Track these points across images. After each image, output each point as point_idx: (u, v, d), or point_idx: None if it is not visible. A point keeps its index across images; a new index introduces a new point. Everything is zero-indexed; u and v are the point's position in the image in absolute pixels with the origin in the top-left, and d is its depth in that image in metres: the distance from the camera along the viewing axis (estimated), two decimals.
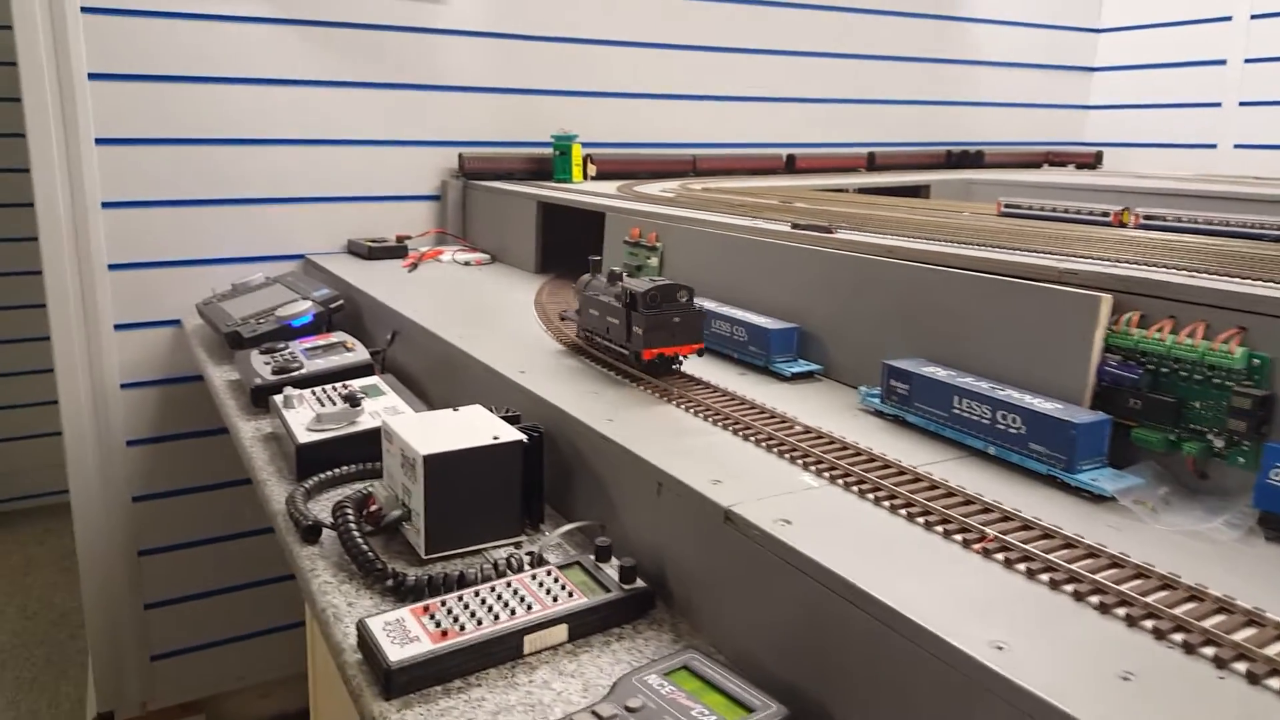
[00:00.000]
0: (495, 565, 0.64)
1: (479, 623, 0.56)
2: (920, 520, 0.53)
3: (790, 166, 2.16)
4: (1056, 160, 2.52)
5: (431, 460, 0.66)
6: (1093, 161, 2.48)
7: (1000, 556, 0.49)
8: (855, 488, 0.57)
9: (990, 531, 0.50)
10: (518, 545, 0.71)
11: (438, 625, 0.55)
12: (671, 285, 0.81)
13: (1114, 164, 2.61)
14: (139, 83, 1.55)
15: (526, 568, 0.64)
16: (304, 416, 0.89)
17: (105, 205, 1.56)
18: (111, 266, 1.57)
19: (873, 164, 2.27)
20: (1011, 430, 0.62)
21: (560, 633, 0.57)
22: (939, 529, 0.52)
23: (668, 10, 2.01)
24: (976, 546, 0.50)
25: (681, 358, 0.83)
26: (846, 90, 2.33)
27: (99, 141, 1.54)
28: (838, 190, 1.87)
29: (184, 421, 1.66)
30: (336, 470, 0.82)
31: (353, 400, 0.87)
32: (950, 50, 2.46)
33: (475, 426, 0.72)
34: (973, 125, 2.57)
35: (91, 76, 1.52)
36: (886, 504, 0.55)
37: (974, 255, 0.74)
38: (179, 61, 1.57)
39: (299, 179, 1.69)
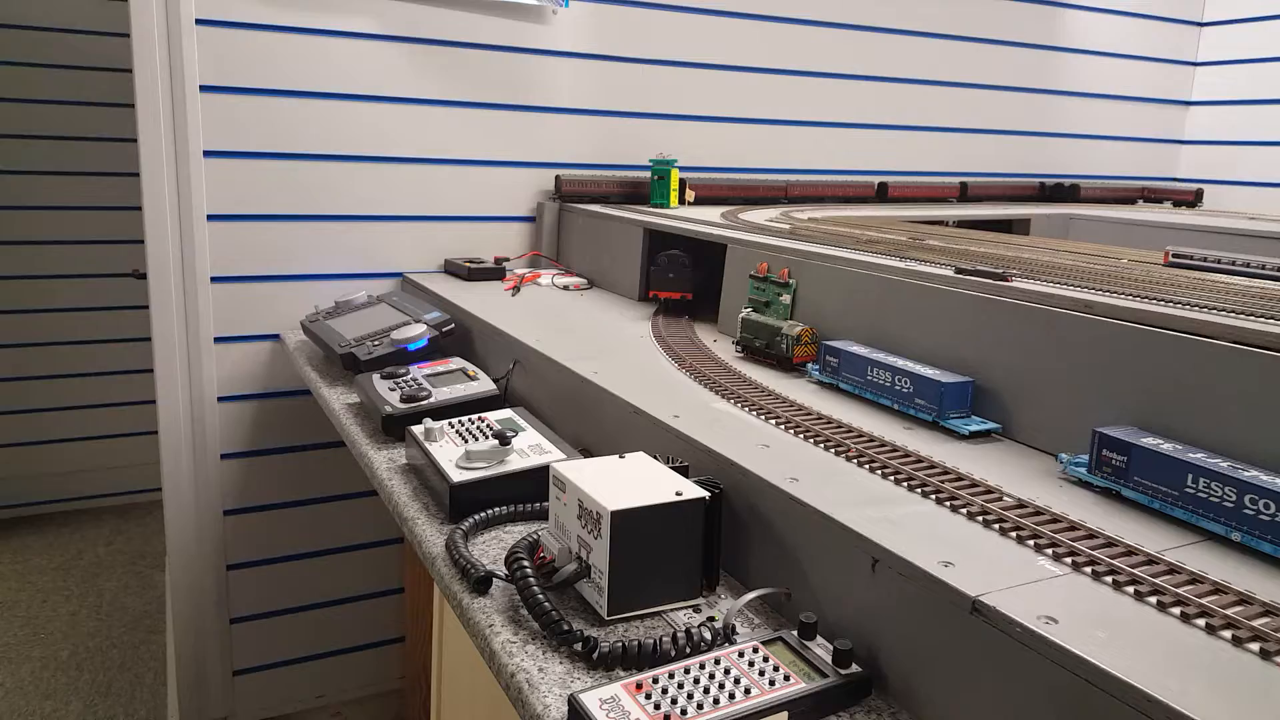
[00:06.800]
0: (690, 635, 0.60)
1: (699, 707, 0.52)
2: (1200, 623, 0.48)
3: (882, 195, 2.12)
4: (1152, 196, 2.45)
5: (619, 516, 0.63)
6: (1192, 199, 2.40)
7: None
8: (1108, 579, 0.53)
9: None
10: (696, 609, 0.68)
11: (657, 707, 0.52)
12: (679, 255, 1.31)
13: (1209, 202, 2.52)
14: (246, 96, 1.56)
15: (719, 638, 0.61)
16: (449, 452, 0.86)
17: (210, 218, 1.56)
18: (213, 279, 1.57)
19: (965, 194, 2.22)
20: (1263, 517, 0.57)
21: None
22: (1225, 634, 0.47)
23: (762, 35, 1.98)
24: None
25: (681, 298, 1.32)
26: (937, 118, 2.28)
27: (207, 154, 1.54)
28: (938, 222, 1.83)
29: (279, 436, 1.65)
30: (492, 512, 0.79)
31: (503, 438, 0.84)
32: (1043, 80, 2.40)
33: (653, 479, 0.68)
34: (1062, 157, 2.50)
35: (202, 88, 1.52)
36: (1152, 600, 0.51)
37: (1191, 318, 0.69)
38: (285, 76, 1.57)
39: (398, 197, 1.68)
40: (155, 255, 1.52)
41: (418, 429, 0.91)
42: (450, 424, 0.93)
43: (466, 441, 0.88)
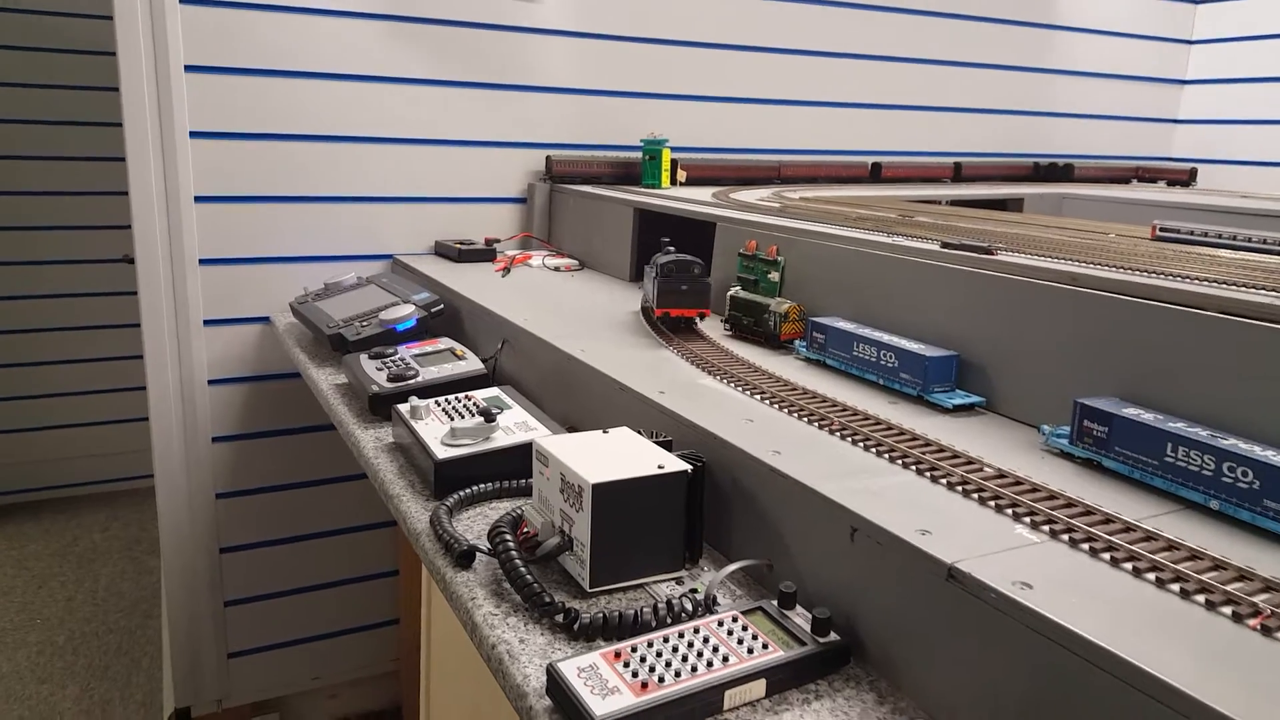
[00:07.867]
0: (670, 606, 0.60)
1: (677, 674, 0.52)
2: (1174, 588, 0.48)
3: (875, 175, 2.11)
4: (1147, 176, 2.44)
5: (600, 489, 0.63)
6: (1186, 179, 2.39)
7: None
8: (1085, 545, 0.53)
9: (1264, 605, 0.46)
10: (679, 581, 0.68)
11: (634, 675, 0.52)
12: (687, 260, 1.03)
13: (1204, 181, 2.51)
14: (233, 76, 1.54)
15: (700, 609, 0.61)
16: (435, 429, 0.86)
17: (197, 199, 1.55)
18: (202, 261, 1.57)
19: (959, 174, 2.21)
20: (1241, 485, 0.57)
21: (759, 688, 0.53)
22: (1199, 599, 0.47)
23: (752, 13, 1.96)
24: (1253, 622, 0.45)
25: (699, 319, 1.05)
26: (931, 98, 2.27)
27: (193, 135, 1.53)
28: (931, 201, 1.82)
29: (269, 420, 1.65)
30: (477, 488, 0.79)
31: (488, 415, 0.83)
32: (1037, 59, 2.39)
33: (635, 453, 0.68)
34: (1056, 137, 2.49)
35: (187, 69, 1.51)
36: (1128, 566, 0.51)
37: (1175, 288, 0.69)
38: (271, 55, 1.56)
39: (388, 178, 1.67)
40: (143, 238, 1.52)
41: (404, 407, 0.91)
42: (436, 402, 0.93)
43: (452, 419, 0.88)
